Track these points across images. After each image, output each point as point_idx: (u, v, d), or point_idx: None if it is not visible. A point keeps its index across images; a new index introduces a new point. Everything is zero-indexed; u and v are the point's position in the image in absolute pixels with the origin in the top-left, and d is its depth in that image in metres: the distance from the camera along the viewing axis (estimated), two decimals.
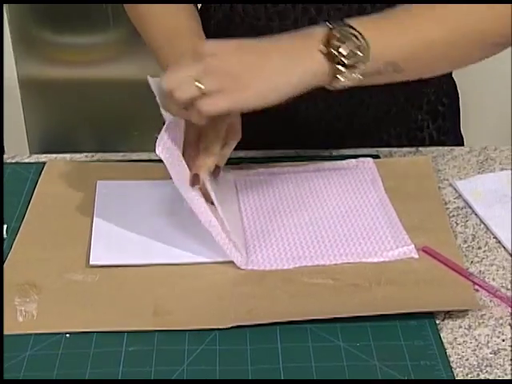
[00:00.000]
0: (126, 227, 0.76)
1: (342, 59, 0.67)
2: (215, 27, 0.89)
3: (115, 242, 0.74)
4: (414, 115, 0.92)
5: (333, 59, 0.67)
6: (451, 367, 0.62)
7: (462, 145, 0.99)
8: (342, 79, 0.67)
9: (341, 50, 0.66)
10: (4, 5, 1.63)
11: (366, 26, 0.68)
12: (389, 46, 0.69)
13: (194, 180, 0.72)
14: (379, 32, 0.69)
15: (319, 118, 0.90)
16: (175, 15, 0.83)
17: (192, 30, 0.82)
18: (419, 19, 0.71)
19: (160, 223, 0.77)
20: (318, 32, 0.68)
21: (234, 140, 0.75)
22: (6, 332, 0.65)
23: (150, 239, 0.74)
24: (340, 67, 0.67)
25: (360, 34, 0.68)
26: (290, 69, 0.67)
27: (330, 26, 0.68)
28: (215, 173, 0.74)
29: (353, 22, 0.69)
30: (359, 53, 0.67)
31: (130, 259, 0.72)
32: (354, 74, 0.67)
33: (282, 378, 0.61)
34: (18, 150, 1.41)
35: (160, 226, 0.76)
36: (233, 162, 0.86)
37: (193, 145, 0.75)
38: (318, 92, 0.70)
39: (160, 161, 0.70)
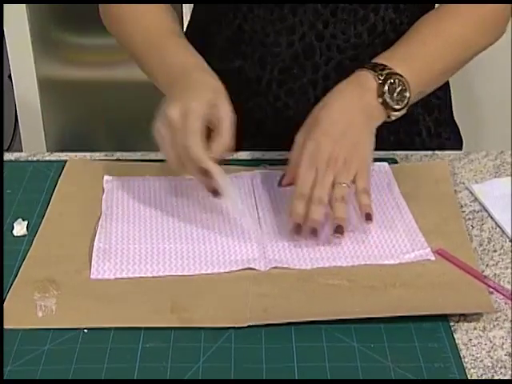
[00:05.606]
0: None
1: (396, 107, 0.79)
2: (223, 43, 0.91)
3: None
4: (411, 110, 0.94)
5: (388, 108, 0.79)
6: (465, 369, 0.62)
7: (459, 135, 1.01)
8: (393, 117, 0.80)
9: (394, 99, 0.78)
10: (24, 6, 1.64)
11: (402, 67, 0.80)
12: (420, 80, 0.81)
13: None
14: (410, 69, 0.80)
15: None
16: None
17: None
18: (432, 48, 0.82)
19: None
20: (370, 83, 0.78)
21: (226, 125, 0.73)
22: (25, 326, 0.66)
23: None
24: (393, 112, 0.79)
25: (404, 78, 0.79)
26: (368, 127, 0.79)
27: (376, 72, 0.79)
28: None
29: (388, 61, 0.80)
30: (405, 97, 0.79)
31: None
32: (401, 111, 0.80)
33: (296, 377, 0.62)
34: (35, 149, 1.43)
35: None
36: (249, 164, 0.87)
37: None
38: (311, 91, 0.84)
39: None
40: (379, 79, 0.78)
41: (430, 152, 0.91)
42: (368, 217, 0.74)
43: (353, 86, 0.79)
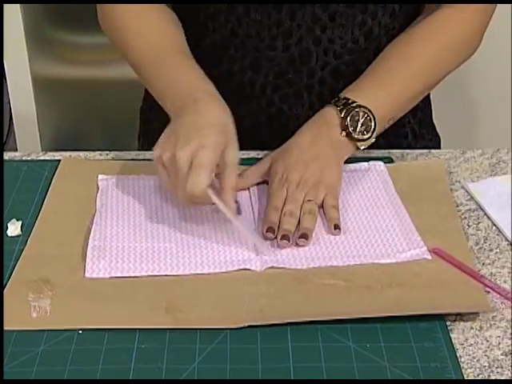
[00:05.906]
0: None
1: (361, 138, 0.82)
2: (210, 48, 0.88)
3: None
4: None
5: (354, 139, 0.82)
6: (461, 369, 0.62)
7: (437, 135, 1.02)
8: (362, 147, 0.83)
9: (358, 132, 0.82)
10: (18, 5, 1.64)
11: (367, 99, 0.82)
12: (387, 109, 0.84)
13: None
14: (376, 100, 0.83)
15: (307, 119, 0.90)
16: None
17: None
18: (401, 77, 0.85)
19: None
20: (333, 119, 0.82)
21: (232, 171, 0.74)
22: (19, 327, 0.66)
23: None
24: (360, 143, 0.83)
25: (367, 109, 0.81)
26: (336, 160, 0.82)
27: (338, 107, 0.82)
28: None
29: (353, 94, 0.83)
30: (371, 126, 0.82)
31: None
32: (369, 140, 0.83)
33: (292, 378, 0.61)
34: (30, 149, 1.42)
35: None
36: (244, 163, 0.87)
37: None
38: (306, 96, 0.87)
39: None
40: (341, 114, 0.81)
41: (426, 151, 0.91)
42: (336, 227, 0.76)
43: (319, 123, 0.82)
